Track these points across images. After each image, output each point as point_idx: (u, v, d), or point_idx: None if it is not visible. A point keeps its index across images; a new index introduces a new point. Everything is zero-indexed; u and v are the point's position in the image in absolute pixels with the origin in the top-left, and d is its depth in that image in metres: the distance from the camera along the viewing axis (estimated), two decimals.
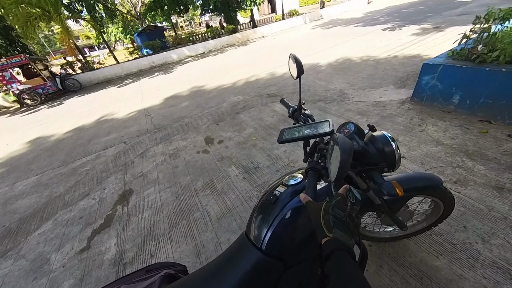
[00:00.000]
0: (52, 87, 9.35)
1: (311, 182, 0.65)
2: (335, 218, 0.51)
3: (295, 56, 0.99)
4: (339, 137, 0.55)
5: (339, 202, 0.54)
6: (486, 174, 1.74)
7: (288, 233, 0.74)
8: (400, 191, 0.76)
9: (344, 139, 0.56)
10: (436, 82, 2.61)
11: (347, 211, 0.52)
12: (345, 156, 0.52)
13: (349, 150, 0.54)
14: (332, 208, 0.53)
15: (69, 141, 4.29)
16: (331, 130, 0.72)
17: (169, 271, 0.89)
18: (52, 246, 1.95)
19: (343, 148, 0.53)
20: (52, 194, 2.71)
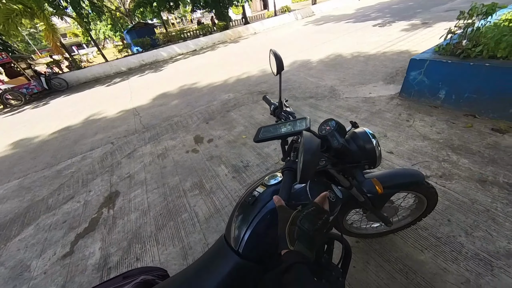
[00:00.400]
0: (37, 87, 9.02)
1: (286, 183, 0.62)
2: (301, 231, 0.48)
3: (275, 52, 0.95)
4: (305, 136, 0.53)
5: (310, 215, 0.50)
6: (470, 168, 1.77)
7: (266, 235, 0.71)
8: (380, 189, 0.75)
9: (311, 138, 0.53)
10: (423, 77, 2.63)
11: (318, 225, 0.48)
12: (307, 157, 0.49)
13: (313, 150, 0.51)
14: (300, 220, 0.49)
15: (54, 143, 4.15)
16: (307, 128, 0.69)
17: (146, 277, 0.85)
18: (33, 252, 1.87)
19: (307, 148, 0.50)
20: (35, 197, 2.61)
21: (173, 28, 30.14)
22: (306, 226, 0.48)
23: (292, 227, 0.49)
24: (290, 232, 0.49)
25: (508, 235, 1.30)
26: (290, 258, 0.46)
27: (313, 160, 0.50)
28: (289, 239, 0.48)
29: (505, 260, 1.21)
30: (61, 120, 5.50)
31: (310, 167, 0.51)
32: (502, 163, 1.73)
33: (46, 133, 4.76)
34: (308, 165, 0.50)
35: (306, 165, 0.50)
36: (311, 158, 0.50)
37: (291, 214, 0.52)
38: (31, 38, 32.94)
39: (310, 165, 0.50)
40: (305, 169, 0.50)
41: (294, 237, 0.48)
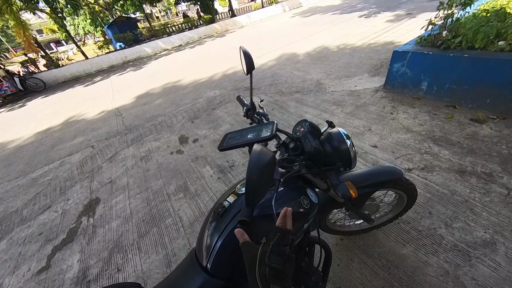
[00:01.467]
0: (10, 88, 8.46)
1: None
2: (272, 270, 0.42)
3: (245, 50, 0.89)
4: (253, 151, 0.48)
5: (276, 245, 0.44)
6: (450, 159, 1.80)
7: (236, 250, 0.67)
8: (354, 193, 0.72)
9: (259, 153, 0.47)
10: (406, 69, 2.64)
11: (286, 254, 0.43)
12: (251, 176, 0.44)
13: (260, 168, 0.45)
14: (268, 257, 0.43)
15: (29, 148, 3.91)
16: (272, 135, 0.64)
17: None
18: (5, 269, 1.76)
19: (251, 166, 0.45)
20: (8, 209, 2.45)
21: (158, 22, 28.95)
22: (275, 262, 0.42)
23: (262, 269, 0.43)
24: (261, 276, 0.43)
25: (485, 225, 1.34)
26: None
27: (258, 181, 0.45)
28: (262, 285, 0.42)
29: (481, 250, 1.24)
30: (37, 123, 5.19)
31: (256, 188, 0.45)
32: (480, 153, 1.77)
33: (21, 138, 4.48)
34: (252, 186, 0.45)
35: (250, 186, 0.45)
36: (257, 178, 0.44)
37: (257, 251, 0.46)
38: (3, 35, 30.73)
39: (254, 186, 0.45)
40: (250, 191, 0.45)
41: (266, 280, 0.42)
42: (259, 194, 0.47)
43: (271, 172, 0.50)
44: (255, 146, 0.49)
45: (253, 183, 0.45)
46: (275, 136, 0.66)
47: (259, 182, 0.45)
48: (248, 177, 0.45)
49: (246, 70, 0.89)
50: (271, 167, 0.49)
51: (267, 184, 0.49)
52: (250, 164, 0.45)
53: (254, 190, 0.45)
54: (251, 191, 0.45)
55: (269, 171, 0.48)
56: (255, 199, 0.47)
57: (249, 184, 0.45)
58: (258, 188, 0.46)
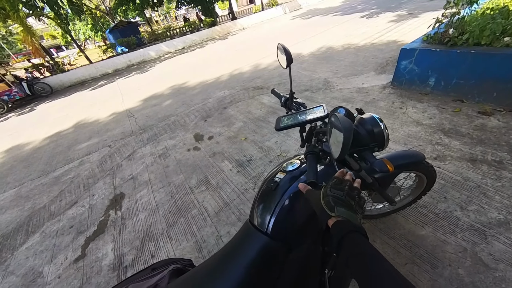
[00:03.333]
0: (19, 93, 8.61)
1: (311, 165, 0.68)
2: (334, 197, 0.54)
3: (283, 46, 1.00)
4: (340, 118, 0.58)
5: (336, 184, 0.56)
6: (461, 149, 1.90)
7: (291, 217, 0.77)
8: (391, 167, 0.82)
9: (344, 118, 0.59)
10: (413, 66, 2.75)
11: (346, 190, 0.55)
12: (347, 134, 0.55)
13: (350, 128, 0.57)
14: (330, 189, 0.55)
15: (46, 149, 4.03)
16: (326, 114, 0.75)
17: (176, 266, 0.90)
18: (43, 259, 1.86)
19: (345, 127, 0.56)
20: (35, 206, 2.56)
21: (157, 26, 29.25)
22: (336, 193, 0.54)
23: (326, 198, 0.55)
24: (326, 203, 0.55)
25: (498, 207, 1.43)
26: (339, 229, 0.50)
27: (350, 137, 0.56)
28: (328, 208, 0.54)
29: (496, 229, 1.33)
30: (49, 126, 5.31)
31: (349, 143, 0.57)
32: (489, 143, 1.87)
33: (36, 140, 4.60)
34: (348, 141, 0.56)
35: (347, 141, 0.56)
36: (350, 135, 0.56)
37: (319, 191, 0.58)
38: (4, 42, 31.02)
39: (349, 141, 0.56)
40: (345, 144, 0.56)
41: (331, 204, 0.53)
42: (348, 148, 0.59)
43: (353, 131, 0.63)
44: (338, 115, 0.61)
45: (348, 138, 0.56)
46: (329, 115, 0.77)
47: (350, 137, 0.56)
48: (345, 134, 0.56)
49: (286, 64, 1.00)
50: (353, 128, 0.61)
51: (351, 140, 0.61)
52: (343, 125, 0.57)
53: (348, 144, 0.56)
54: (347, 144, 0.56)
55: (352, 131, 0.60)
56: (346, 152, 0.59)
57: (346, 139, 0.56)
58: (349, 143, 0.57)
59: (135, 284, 0.81)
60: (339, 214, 0.52)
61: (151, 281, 0.80)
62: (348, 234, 0.48)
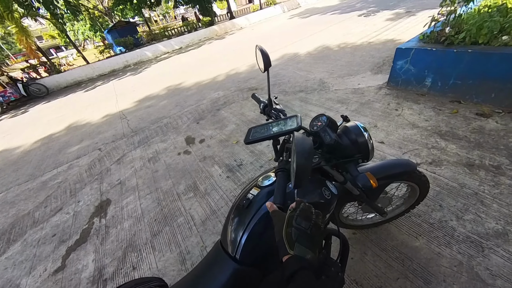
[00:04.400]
0: (14, 94, 8.52)
1: (279, 185, 0.60)
2: (299, 231, 0.47)
3: (261, 48, 0.91)
4: (296, 138, 0.50)
5: (304, 211, 0.49)
6: (458, 153, 1.82)
7: (263, 239, 0.70)
8: (374, 182, 0.74)
9: (303, 139, 0.51)
10: (409, 66, 2.67)
11: (312, 220, 0.48)
12: (300, 160, 0.47)
13: (306, 152, 0.48)
14: (295, 219, 0.48)
15: (37, 153, 3.95)
16: (298, 126, 0.67)
17: None
18: (22, 270, 1.79)
19: (299, 150, 0.48)
20: (20, 212, 2.48)
21: (156, 25, 29.12)
22: (303, 225, 0.47)
23: (289, 229, 0.48)
24: (287, 235, 0.48)
25: (496, 216, 1.35)
26: (292, 265, 0.44)
27: (306, 163, 0.48)
28: (288, 243, 0.47)
29: (494, 241, 1.25)
30: (43, 128, 5.24)
31: (304, 171, 0.48)
32: (487, 147, 1.79)
33: (28, 143, 4.52)
34: (302, 169, 0.48)
35: (300, 169, 0.48)
36: (305, 161, 0.48)
37: (285, 216, 0.50)
38: (3, 42, 30.91)
39: (304, 169, 0.48)
40: (299, 173, 0.48)
41: (292, 239, 0.47)
42: (306, 176, 0.51)
43: (312, 155, 0.54)
44: (297, 134, 0.53)
45: (302, 165, 0.48)
46: (302, 127, 0.69)
47: (306, 164, 0.48)
48: (298, 161, 0.48)
49: (264, 67, 0.92)
50: (313, 151, 0.53)
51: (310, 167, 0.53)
52: (298, 149, 0.48)
53: (303, 172, 0.49)
54: (302, 173, 0.49)
55: (312, 155, 0.52)
56: (303, 181, 0.51)
57: (299, 167, 0.48)
58: (306, 170, 0.49)
59: None
60: (297, 253, 0.45)
61: None
62: (299, 271, 0.43)
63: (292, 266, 0.44)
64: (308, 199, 0.73)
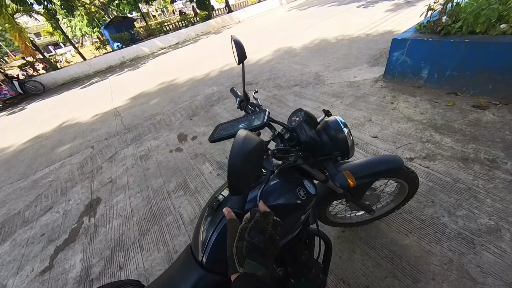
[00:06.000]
0: (10, 92, 8.47)
1: None
2: (251, 245, 0.41)
3: (236, 39, 0.85)
4: (237, 137, 0.45)
5: (259, 222, 0.44)
6: (453, 147, 1.76)
7: None
8: (352, 182, 0.69)
9: (244, 139, 0.45)
10: (405, 57, 2.58)
11: (267, 232, 0.42)
12: (234, 164, 0.42)
13: (243, 156, 0.42)
14: (249, 232, 0.43)
15: (30, 151, 3.92)
16: (263, 123, 0.62)
17: None
18: (9, 270, 1.77)
19: (234, 151, 0.42)
20: (10, 211, 2.46)
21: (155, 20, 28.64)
22: (256, 239, 0.42)
23: (240, 243, 0.43)
24: (237, 250, 0.42)
25: (489, 211, 1.31)
26: (240, 285, 0.39)
27: (241, 167, 0.42)
28: (238, 259, 0.42)
29: (486, 237, 1.21)
30: (37, 126, 5.20)
31: (238, 176, 0.43)
32: (483, 140, 1.74)
33: (21, 141, 4.49)
34: (235, 173, 0.42)
35: (232, 173, 0.42)
36: (240, 164, 0.42)
37: (240, 225, 0.45)
38: (1, 39, 30.55)
39: (237, 173, 0.42)
40: (231, 178, 0.42)
41: (243, 255, 0.41)
42: (244, 182, 0.45)
43: (259, 159, 0.48)
44: (240, 131, 0.47)
45: (236, 169, 0.42)
46: (267, 124, 0.64)
47: (243, 169, 0.42)
48: (230, 163, 0.42)
49: (238, 60, 0.86)
50: (258, 153, 0.47)
51: (253, 172, 0.47)
52: (233, 149, 0.43)
53: (238, 177, 0.43)
54: (234, 178, 0.43)
55: (255, 157, 0.45)
56: (240, 188, 0.45)
57: (231, 171, 0.42)
58: (242, 175, 0.43)
59: None
60: (247, 270, 0.40)
61: None
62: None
63: (241, 285, 0.39)
64: (277, 201, 0.68)
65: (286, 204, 0.68)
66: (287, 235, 0.72)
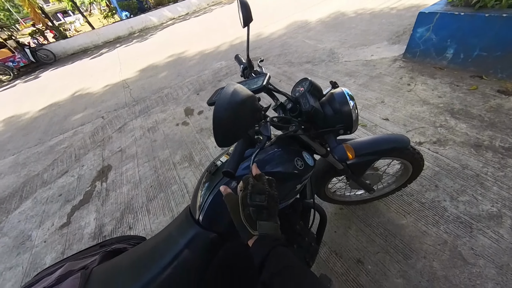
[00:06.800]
0: (23, 60, 8.57)
1: (236, 150, 0.55)
2: (256, 207, 0.43)
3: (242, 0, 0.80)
4: (226, 87, 0.44)
5: (255, 186, 0.45)
6: (467, 133, 1.68)
7: (224, 207, 0.68)
8: (351, 155, 0.68)
9: (235, 89, 0.44)
10: (431, 34, 2.36)
11: (266, 191, 0.44)
12: (218, 113, 0.41)
13: (228, 104, 0.41)
14: (250, 197, 0.44)
15: (44, 119, 4.08)
16: (262, 86, 0.60)
17: (118, 246, 0.86)
18: (33, 224, 1.97)
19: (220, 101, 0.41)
20: (30, 173, 2.66)
21: None
22: (258, 200, 0.43)
23: (246, 210, 0.44)
24: (246, 218, 0.44)
25: (493, 199, 1.29)
26: (261, 248, 0.41)
27: (228, 118, 0.41)
28: (249, 225, 0.44)
29: (485, 222, 1.21)
30: (50, 95, 5.33)
31: (222, 127, 0.42)
32: (502, 127, 1.64)
33: (36, 109, 4.66)
34: (219, 123, 0.41)
35: (217, 123, 0.41)
36: (226, 114, 0.41)
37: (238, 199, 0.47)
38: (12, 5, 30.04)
39: (221, 124, 0.42)
40: (216, 128, 0.42)
41: (252, 219, 0.43)
42: (230, 135, 0.44)
43: (249, 113, 0.47)
44: (230, 83, 0.46)
45: (221, 120, 0.41)
46: (266, 88, 0.62)
47: (229, 120, 0.42)
48: (215, 113, 0.41)
49: (243, 22, 0.81)
50: (248, 107, 0.46)
51: (241, 125, 0.46)
52: (220, 98, 0.42)
53: (224, 128, 0.42)
54: (219, 130, 0.42)
55: (245, 111, 0.44)
56: (225, 140, 0.45)
57: (216, 121, 0.42)
58: (228, 127, 0.43)
59: (72, 262, 0.79)
60: (262, 232, 0.42)
61: (85, 261, 0.77)
62: (272, 250, 0.40)
63: (261, 249, 0.41)
64: (273, 168, 0.69)
65: (282, 172, 0.69)
66: (282, 202, 0.74)
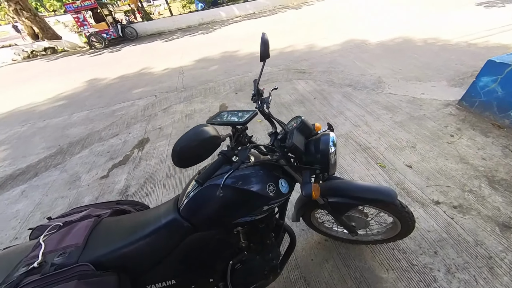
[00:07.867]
0: (114, 33, 10.40)
1: (213, 166, 0.70)
2: None
3: (264, 38, 0.94)
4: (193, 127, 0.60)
5: None
6: (500, 208, 1.48)
7: (206, 202, 0.83)
8: (315, 194, 0.77)
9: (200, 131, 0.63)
10: (497, 86, 2.07)
11: None
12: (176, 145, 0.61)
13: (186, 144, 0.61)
14: None
15: (115, 86, 4.97)
16: (243, 122, 0.74)
17: (127, 208, 1.12)
18: (84, 169, 2.52)
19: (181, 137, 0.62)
20: (94, 128, 3.34)
21: None
22: None
23: None
24: None
25: None
26: None
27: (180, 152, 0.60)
28: None
29: None
30: (125, 67, 6.40)
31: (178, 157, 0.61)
32: None
33: (112, 77, 5.69)
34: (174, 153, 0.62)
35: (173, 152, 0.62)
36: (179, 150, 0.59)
37: None
38: None
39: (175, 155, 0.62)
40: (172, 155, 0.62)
41: None
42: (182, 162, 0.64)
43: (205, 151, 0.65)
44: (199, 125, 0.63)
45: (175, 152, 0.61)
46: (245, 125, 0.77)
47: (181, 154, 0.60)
48: (174, 145, 0.61)
49: (261, 57, 0.96)
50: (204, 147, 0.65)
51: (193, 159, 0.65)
52: (182, 136, 0.61)
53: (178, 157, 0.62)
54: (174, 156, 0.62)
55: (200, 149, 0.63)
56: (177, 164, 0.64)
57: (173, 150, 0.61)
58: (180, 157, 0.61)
59: (94, 208, 1.07)
60: None
61: (102, 211, 1.04)
62: None
63: None
64: (243, 185, 0.80)
65: (251, 191, 0.80)
66: (248, 214, 0.85)
